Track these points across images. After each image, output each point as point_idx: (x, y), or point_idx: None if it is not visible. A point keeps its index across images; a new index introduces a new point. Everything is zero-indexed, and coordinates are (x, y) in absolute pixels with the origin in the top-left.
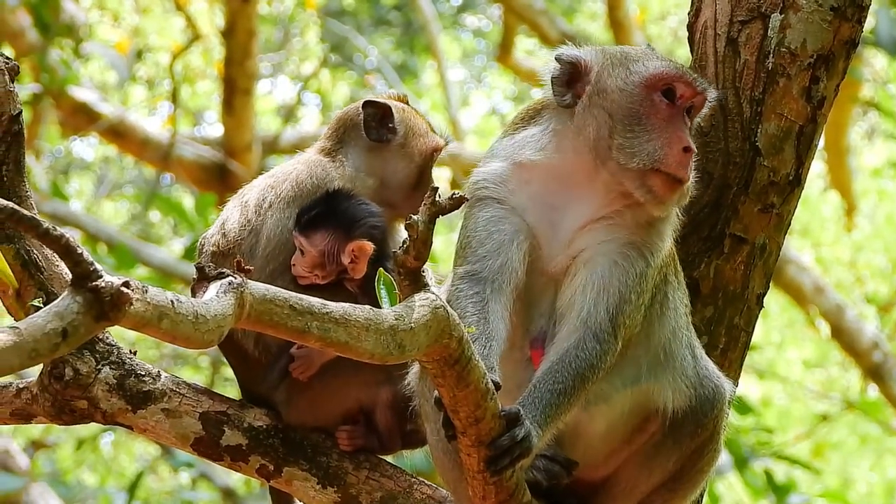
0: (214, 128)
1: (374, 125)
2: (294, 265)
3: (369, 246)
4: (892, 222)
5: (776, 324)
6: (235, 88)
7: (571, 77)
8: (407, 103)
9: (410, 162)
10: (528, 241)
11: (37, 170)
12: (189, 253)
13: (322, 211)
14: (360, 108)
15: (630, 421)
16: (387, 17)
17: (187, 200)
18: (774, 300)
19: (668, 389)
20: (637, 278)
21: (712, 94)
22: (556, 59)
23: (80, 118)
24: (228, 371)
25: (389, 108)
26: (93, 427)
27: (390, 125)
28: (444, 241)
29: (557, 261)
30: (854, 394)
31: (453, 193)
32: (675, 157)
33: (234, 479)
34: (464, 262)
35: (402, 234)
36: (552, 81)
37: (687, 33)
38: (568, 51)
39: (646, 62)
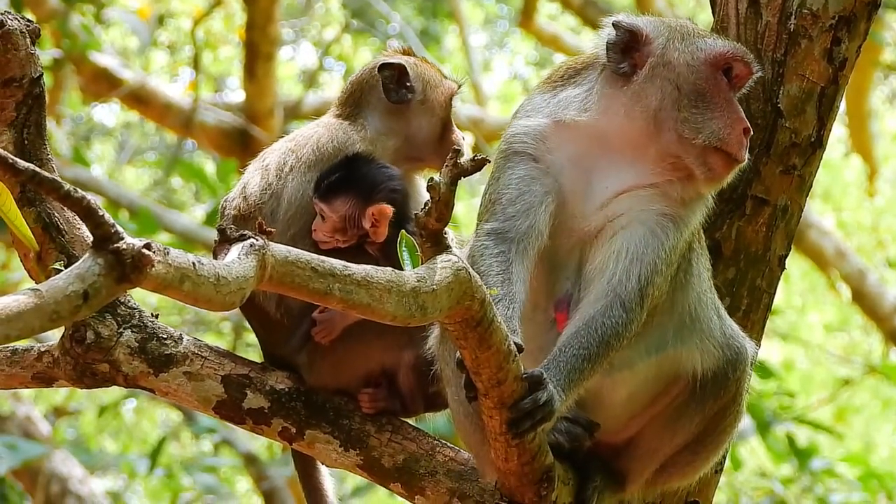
0: (236, 94)
1: (392, 87)
2: (315, 230)
3: (389, 209)
4: None
5: (798, 288)
6: (257, 54)
7: (627, 45)
8: (413, 55)
9: (433, 115)
10: (555, 203)
11: (58, 135)
12: (211, 219)
13: (342, 176)
14: (377, 71)
15: (655, 386)
16: None
17: (209, 166)
18: (796, 264)
19: (696, 352)
20: (670, 250)
21: (759, 75)
22: (613, 25)
23: (102, 84)
24: (251, 336)
25: (404, 66)
26: (115, 393)
27: (408, 84)
28: (465, 205)
29: (591, 222)
30: (876, 358)
31: (475, 155)
32: (737, 137)
33: (257, 444)
34: (491, 217)
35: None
36: (609, 47)
37: None
38: (627, 18)
39: (710, 40)
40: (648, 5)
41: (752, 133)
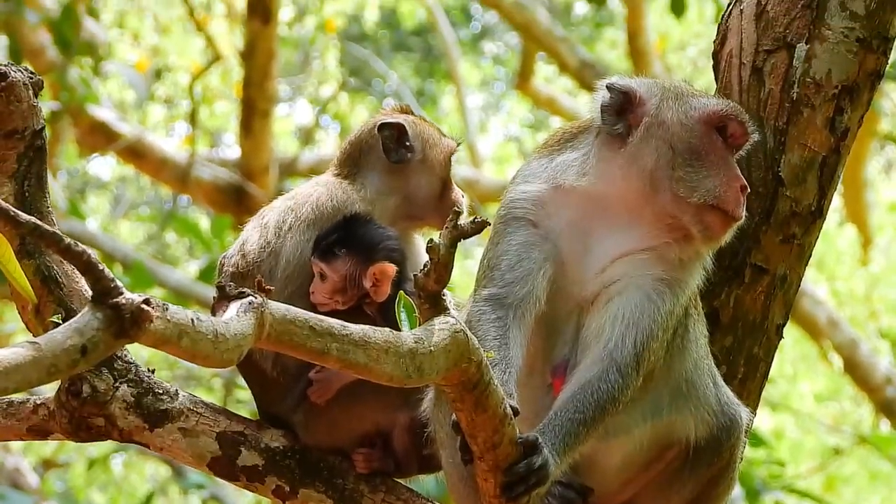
0: (232, 149)
1: (391, 146)
2: (313, 293)
3: (391, 268)
4: None
5: (789, 356)
6: (254, 110)
7: (622, 107)
8: (412, 113)
9: (432, 174)
10: (553, 269)
11: (54, 187)
12: (205, 274)
13: (341, 236)
14: (376, 131)
15: (650, 452)
16: (407, 42)
17: (204, 222)
18: (788, 333)
19: (690, 420)
20: (666, 315)
21: (756, 138)
22: (607, 87)
23: (99, 137)
24: (241, 393)
25: (404, 126)
26: (104, 446)
27: (407, 143)
28: (459, 267)
29: (588, 287)
30: (866, 428)
31: (475, 217)
32: (734, 195)
33: (246, 501)
34: (490, 283)
35: (424, 251)
36: (603, 109)
37: (712, 62)
38: (620, 80)
39: (705, 99)
40: (646, 70)
41: (748, 191)
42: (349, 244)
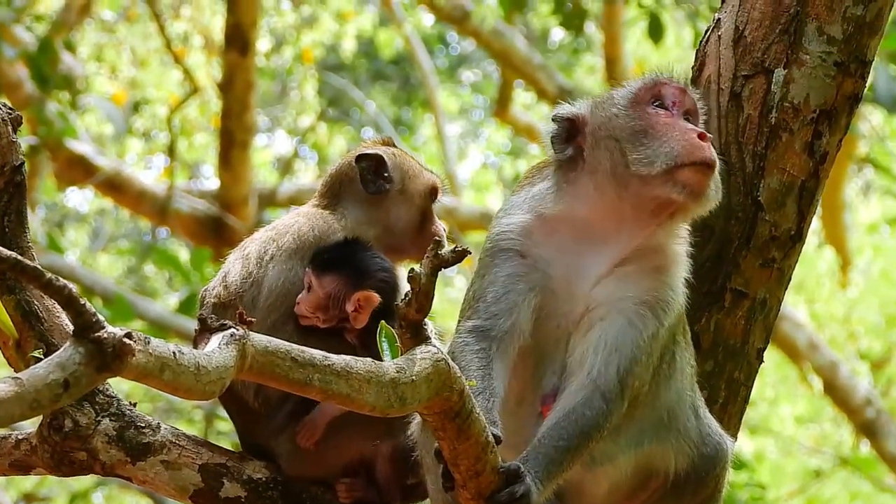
0: (211, 181)
1: (370, 177)
2: (299, 303)
3: (376, 297)
4: (886, 279)
5: (770, 379)
6: (233, 141)
7: (570, 133)
8: (393, 145)
9: (411, 206)
10: (541, 298)
11: (32, 222)
12: (185, 306)
13: (339, 255)
14: (354, 163)
15: (633, 481)
16: (384, 72)
17: (183, 254)
18: (768, 356)
19: (670, 452)
20: (650, 339)
21: (695, 94)
22: (552, 119)
23: (77, 171)
24: (222, 425)
25: (382, 157)
26: (86, 480)
27: (385, 174)
28: (441, 296)
29: (574, 313)
30: (847, 450)
31: (456, 246)
32: (693, 144)
33: None
34: (474, 314)
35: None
36: (552, 142)
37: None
38: (561, 109)
39: (628, 84)
40: None
41: (710, 136)
42: (344, 265)
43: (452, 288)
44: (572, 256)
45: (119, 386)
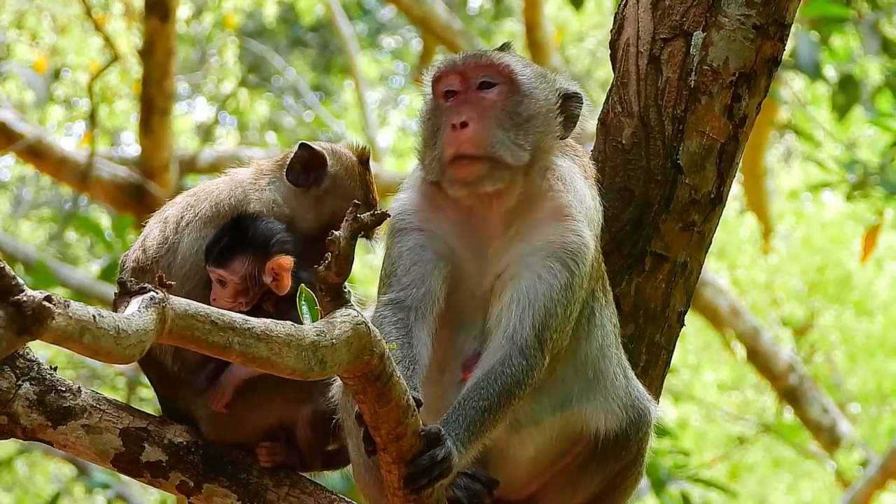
0: (132, 148)
1: (296, 167)
2: (215, 300)
3: (288, 260)
4: (808, 245)
5: (692, 346)
6: (153, 108)
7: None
8: (366, 158)
9: (318, 217)
10: (449, 266)
11: None
12: (106, 273)
13: (232, 238)
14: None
15: (559, 444)
16: (303, 39)
17: (104, 221)
18: (691, 323)
19: (600, 412)
20: (562, 290)
21: (483, 58)
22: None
23: None
24: (145, 392)
25: (324, 159)
26: (9, 447)
27: (314, 174)
28: (360, 262)
29: (485, 281)
30: (770, 416)
31: (375, 210)
32: (448, 141)
33: (151, 500)
34: (388, 289)
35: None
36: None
37: (609, 51)
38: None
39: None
40: (544, 61)
41: (463, 120)
42: (242, 244)
43: (374, 255)
44: (462, 227)
45: (41, 353)
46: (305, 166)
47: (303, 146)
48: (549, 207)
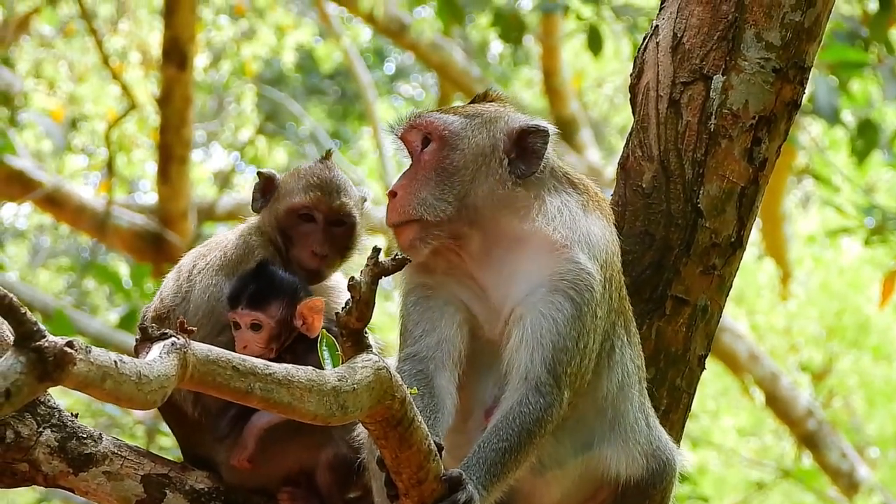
0: (149, 196)
1: (257, 196)
2: (246, 347)
3: (320, 301)
4: (826, 290)
5: (711, 391)
6: (171, 156)
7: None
8: (327, 158)
9: (273, 226)
10: (461, 312)
11: None
12: (125, 322)
13: (262, 284)
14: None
15: (584, 488)
16: (319, 86)
17: (123, 269)
18: (709, 368)
19: (621, 455)
20: (568, 322)
21: (425, 119)
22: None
23: (15, 186)
24: (164, 440)
25: (273, 176)
26: (29, 495)
27: (270, 193)
28: (380, 307)
29: (496, 327)
30: (788, 462)
31: (395, 254)
32: (386, 215)
33: None
34: (404, 345)
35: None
36: None
37: (629, 95)
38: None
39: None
40: (562, 107)
41: (395, 192)
42: (274, 289)
43: (392, 302)
44: (460, 275)
45: (60, 402)
46: (263, 191)
47: (258, 174)
48: (538, 244)
